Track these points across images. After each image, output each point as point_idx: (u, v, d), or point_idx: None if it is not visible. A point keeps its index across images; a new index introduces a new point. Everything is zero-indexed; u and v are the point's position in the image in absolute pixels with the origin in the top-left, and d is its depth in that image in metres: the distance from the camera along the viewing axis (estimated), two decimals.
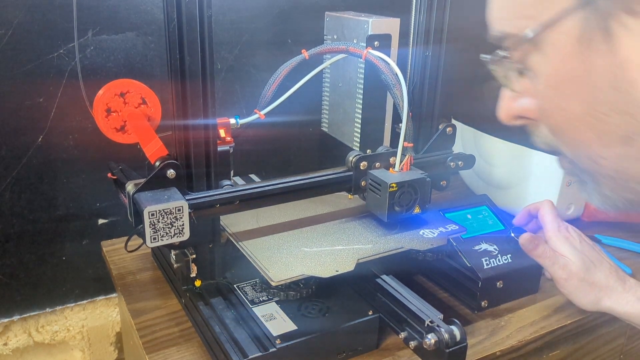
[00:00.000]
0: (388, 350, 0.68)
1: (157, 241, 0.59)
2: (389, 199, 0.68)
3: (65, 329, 0.98)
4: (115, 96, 0.70)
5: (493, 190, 1.07)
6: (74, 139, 0.88)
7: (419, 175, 0.71)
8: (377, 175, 0.70)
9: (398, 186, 0.68)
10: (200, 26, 0.59)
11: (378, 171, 0.72)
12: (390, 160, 0.72)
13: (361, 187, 0.72)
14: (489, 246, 0.78)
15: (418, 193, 0.70)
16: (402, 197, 0.69)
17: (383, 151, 0.73)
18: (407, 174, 0.71)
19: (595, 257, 0.74)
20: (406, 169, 0.72)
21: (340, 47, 0.72)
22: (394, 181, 0.68)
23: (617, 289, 0.71)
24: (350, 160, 0.72)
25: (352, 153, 0.72)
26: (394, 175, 0.70)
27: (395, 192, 0.68)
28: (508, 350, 0.70)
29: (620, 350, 0.86)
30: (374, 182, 0.70)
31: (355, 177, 0.72)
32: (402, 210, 0.70)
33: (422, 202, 0.71)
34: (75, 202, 0.91)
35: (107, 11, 0.85)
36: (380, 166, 0.72)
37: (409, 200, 0.70)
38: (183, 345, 0.68)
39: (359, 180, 0.72)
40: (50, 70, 0.84)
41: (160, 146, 0.64)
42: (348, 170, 0.72)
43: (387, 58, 0.71)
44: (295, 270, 0.63)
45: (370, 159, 0.72)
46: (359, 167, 0.71)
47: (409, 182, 0.69)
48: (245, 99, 0.99)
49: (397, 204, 0.69)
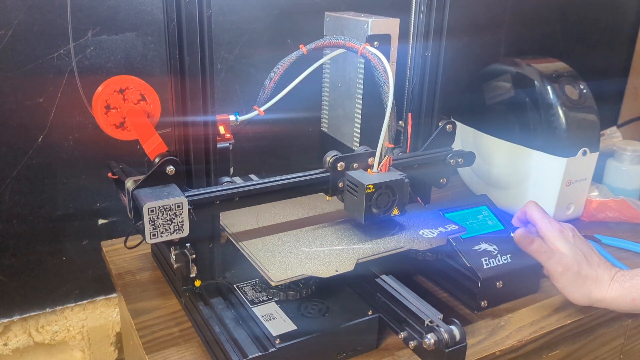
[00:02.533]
0: (388, 350, 0.68)
1: (157, 237, 0.59)
2: (366, 201, 0.66)
3: (65, 329, 0.98)
4: (114, 92, 0.70)
5: (493, 190, 1.07)
6: (73, 139, 0.88)
7: (397, 176, 0.68)
8: (354, 177, 0.68)
9: (375, 187, 0.66)
10: (199, 26, 0.59)
11: (356, 172, 0.70)
12: (369, 161, 0.71)
13: (339, 189, 0.71)
14: (489, 246, 0.78)
15: (396, 194, 0.68)
16: (379, 198, 0.67)
17: (361, 151, 0.71)
18: (385, 175, 0.69)
19: (587, 251, 0.76)
20: (385, 170, 0.70)
21: (337, 42, 0.72)
22: (370, 182, 0.66)
23: (605, 280, 0.73)
24: (327, 160, 0.70)
25: (330, 153, 0.70)
26: (372, 176, 0.68)
27: (373, 193, 0.66)
28: (508, 350, 0.70)
29: (619, 350, 0.86)
30: (351, 184, 0.68)
31: (333, 178, 0.70)
32: (379, 213, 0.67)
33: (401, 204, 0.69)
34: (75, 202, 0.91)
35: (107, 11, 0.85)
36: (358, 167, 0.71)
37: (387, 202, 0.68)
38: (183, 345, 0.68)
39: (336, 182, 0.70)
40: (50, 70, 0.84)
41: (160, 143, 0.64)
42: (325, 171, 0.70)
43: (381, 56, 0.70)
44: (295, 270, 0.63)
45: (348, 159, 0.70)
46: (336, 168, 0.69)
47: (386, 184, 0.67)
48: (245, 98, 0.99)
49: (375, 205, 0.67)
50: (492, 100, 1.05)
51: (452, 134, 0.82)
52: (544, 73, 0.98)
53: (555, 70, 0.99)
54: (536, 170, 0.98)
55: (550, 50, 1.37)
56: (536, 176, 0.99)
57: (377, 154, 0.69)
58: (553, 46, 1.38)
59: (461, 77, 1.12)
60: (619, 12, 1.48)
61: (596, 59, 1.48)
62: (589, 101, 0.98)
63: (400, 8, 0.81)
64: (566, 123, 0.94)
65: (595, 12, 1.43)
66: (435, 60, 0.79)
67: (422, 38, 0.78)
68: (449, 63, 0.81)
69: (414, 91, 0.80)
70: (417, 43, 0.78)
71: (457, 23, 0.82)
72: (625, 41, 1.53)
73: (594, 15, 1.43)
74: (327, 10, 0.92)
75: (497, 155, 1.05)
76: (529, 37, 1.32)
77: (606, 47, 1.49)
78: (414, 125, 0.82)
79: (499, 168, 1.05)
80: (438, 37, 0.78)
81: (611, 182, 1.13)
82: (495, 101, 1.05)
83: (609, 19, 1.46)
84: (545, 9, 1.33)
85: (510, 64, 1.03)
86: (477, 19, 1.23)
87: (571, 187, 0.98)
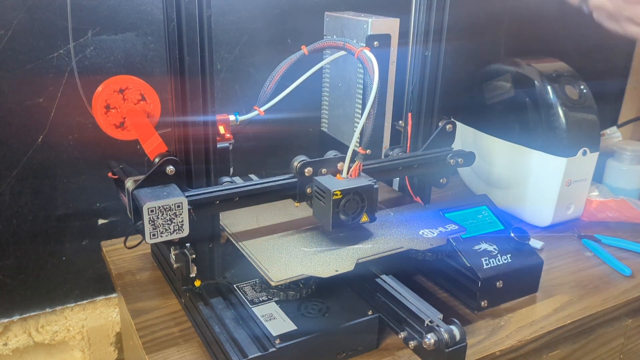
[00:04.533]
0: (388, 350, 0.68)
1: (157, 237, 0.59)
2: (333, 207, 0.64)
3: (65, 329, 0.98)
4: (114, 92, 0.70)
5: (493, 190, 1.07)
6: (73, 139, 0.88)
7: (366, 182, 0.66)
8: (321, 182, 0.66)
9: (343, 194, 0.64)
10: (199, 26, 0.59)
11: (324, 177, 0.68)
12: (338, 166, 0.69)
13: (307, 195, 0.69)
14: (489, 246, 0.78)
15: (365, 201, 0.66)
16: (347, 205, 0.65)
17: (331, 156, 0.69)
18: (354, 181, 0.67)
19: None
20: (355, 176, 0.68)
21: (338, 43, 0.72)
22: (338, 188, 0.64)
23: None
24: (294, 165, 0.68)
25: (297, 158, 0.68)
26: (340, 182, 0.67)
27: (340, 200, 0.64)
28: (508, 350, 0.70)
29: (620, 350, 0.86)
30: (318, 189, 0.66)
31: (300, 183, 0.68)
32: (348, 220, 0.65)
33: (370, 211, 0.67)
34: (75, 202, 0.91)
35: (107, 11, 0.85)
36: (327, 172, 0.69)
37: (356, 209, 0.66)
38: (183, 345, 0.68)
39: (304, 187, 0.68)
40: (50, 70, 0.84)
41: (160, 142, 0.64)
42: (293, 177, 0.68)
43: (374, 62, 0.67)
44: (295, 270, 0.63)
45: (316, 164, 0.68)
46: (304, 173, 0.68)
47: (355, 190, 0.65)
48: (245, 98, 0.99)
49: (343, 212, 0.65)
50: (492, 100, 1.05)
51: (452, 134, 0.82)
52: (544, 73, 0.98)
53: (555, 70, 0.99)
54: (536, 170, 0.98)
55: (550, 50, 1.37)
56: (536, 176, 0.99)
57: (347, 159, 0.68)
58: (553, 46, 1.38)
59: (461, 77, 1.12)
60: None
61: (596, 59, 1.48)
62: (589, 101, 0.98)
63: (400, 8, 0.81)
64: (566, 123, 0.94)
65: None
66: (435, 60, 0.79)
67: (422, 38, 0.78)
68: (449, 63, 0.81)
69: (414, 91, 0.80)
70: (417, 43, 0.78)
71: (457, 23, 0.82)
72: (625, 41, 1.53)
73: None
74: (327, 10, 0.92)
75: (497, 155, 1.05)
76: (529, 37, 1.32)
77: (606, 47, 1.49)
78: (414, 125, 0.82)
79: (499, 168, 1.05)
80: (438, 37, 0.78)
81: (611, 182, 1.13)
82: (496, 101, 1.05)
83: None
84: (545, 9, 1.33)
85: (510, 64, 1.03)
86: (477, 19, 1.23)
87: (571, 187, 0.98)
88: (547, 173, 0.97)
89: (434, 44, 0.78)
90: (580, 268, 0.89)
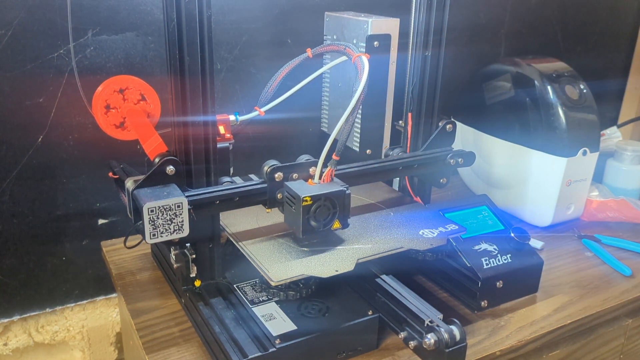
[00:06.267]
0: (388, 350, 0.68)
1: (157, 237, 0.59)
2: (303, 214, 0.63)
3: (65, 329, 0.98)
4: (114, 92, 0.70)
5: (493, 190, 1.07)
6: (74, 139, 0.88)
7: (338, 187, 0.65)
8: (291, 188, 0.65)
9: (313, 200, 0.62)
10: (199, 26, 0.59)
11: (295, 183, 0.66)
12: (310, 171, 0.67)
13: (278, 200, 0.67)
14: (489, 246, 0.78)
15: (337, 207, 0.65)
16: (318, 211, 0.63)
17: (302, 161, 0.68)
18: (325, 187, 0.65)
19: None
20: (327, 181, 0.67)
21: (339, 47, 0.72)
22: (308, 194, 0.62)
23: None
24: (264, 170, 0.66)
25: (268, 163, 0.67)
26: (311, 187, 0.65)
27: (310, 206, 0.63)
28: (508, 350, 0.70)
29: (620, 350, 0.86)
30: (289, 195, 0.65)
31: (271, 189, 0.67)
32: (319, 226, 0.64)
33: (343, 217, 0.66)
34: (75, 202, 0.91)
35: (107, 11, 0.85)
36: (298, 177, 0.67)
37: (327, 215, 0.64)
38: (183, 345, 0.68)
39: (274, 193, 0.67)
40: (50, 70, 0.84)
41: (160, 142, 0.64)
42: (263, 182, 0.67)
43: (366, 71, 0.65)
44: (295, 270, 0.63)
45: (287, 169, 0.67)
46: (274, 179, 0.66)
47: (326, 195, 0.63)
48: (245, 98, 0.99)
49: (313, 218, 0.63)
50: (492, 100, 1.05)
51: (452, 134, 0.82)
52: (544, 73, 0.98)
53: (555, 70, 0.99)
54: (536, 170, 0.98)
55: (550, 50, 1.37)
56: (536, 176, 0.99)
57: (319, 163, 0.66)
58: (553, 46, 1.38)
59: (461, 77, 1.12)
60: (619, 12, 1.48)
61: (596, 59, 1.48)
62: (589, 101, 0.98)
63: (400, 8, 0.81)
64: (566, 123, 0.94)
65: (595, 12, 1.43)
66: (435, 60, 0.79)
67: (422, 38, 0.78)
68: (449, 63, 0.81)
69: (414, 91, 0.80)
70: (417, 43, 0.78)
71: (457, 23, 0.82)
72: (625, 41, 1.53)
73: (594, 15, 1.43)
74: (327, 10, 0.92)
75: (497, 155, 1.05)
76: (529, 37, 1.32)
77: (606, 47, 1.49)
78: (414, 125, 0.82)
79: (499, 168, 1.05)
80: (438, 37, 0.78)
81: (611, 182, 1.13)
82: (496, 101, 1.05)
83: (609, 19, 1.46)
84: (545, 9, 1.33)
85: (510, 64, 1.03)
86: (477, 19, 1.23)
87: (571, 187, 0.98)
88: (547, 173, 0.97)
89: (434, 44, 0.78)
90: (580, 268, 0.89)
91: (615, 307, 0.80)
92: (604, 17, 1.45)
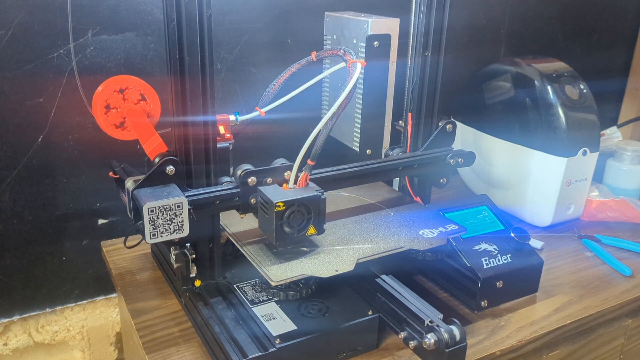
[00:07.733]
0: (388, 350, 0.68)
1: (157, 237, 0.59)
2: (276, 219, 0.61)
3: (65, 329, 0.98)
4: (114, 92, 0.70)
5: (493, 190, 1.07)
6: (73, 139, 0.88)
7: (312, 192, 0.63)
8: (264, 193, 0.63)
9: (286, 205, 0.61)
10: (199, 26, 0.59)
11: (269, 187, 0.65)
12: (285, 175, 0.66)
13: (251, 205, 0.66)
14: (489, 246, 0.78)
15: (311, 212, 0.63)
16: (292, 217, 0.62)
17: (277, 165, 0.67)
18: (299, 192, 0.63)
19: None
20: (302, 186, 0.65)
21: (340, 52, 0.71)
22: (281, 199, 0.61)
23: None
24: (237, 174, 0.65)
25: (241, 167, 0.66)
26: (285, 192, 0.63)
27: (284, 211, 0.61)
28: (508, 350, 0.70)
29: (620, 350, 0.86)
30: (262, 200, 0.64)
31: (244, 193, 0.65)
32: (292, 232, 0.63)
33: (318, 223, 0.64)
34: (75, 202, 0.91)
35: (107, 11, 0.85)
36: (273, 182, 0.66)
37: (301, 221, 0.63)
38: (183, 345, 0.68)
39: (247, 198, 0.66)
40: (50, 70, 0.84)
41: (160, 142, 0.64)
42: (235, 187, 0.66)
43: (354, 79, 0.63)
44: (295, 270, 0.63)
45: (260, 174, 0.65)
46: (247, 183, 0.65)
47: (300, 201, 0.62)
48: (245, 98, 0.99)
49: (287, 224, 0.62)
50: (492, 100, 1.05)
51: (452, 134, 0.82)
52: (544, 73, 0.98)
53: (555, 70, 0.99)
54: (536, 170, 0.98)
55: (550, 50, 1.37)
56: (536, 176, 0.99)
57: (294, 168, 0.65)
58: (553, 46, 1.38)
59: (461, 77, 1.12)
60: (619, 12, 1.48)
61: (596, 59, 1.48)
62: (589, 101, 0.98)
63: (400, 8, 0.81)
64: (566, 123, 0.94)
65: (595, 12, 1.43)
66: (436, 60, 0.79)
67: (422, 38, 0.78)
68: (449, 63, 0.81)
69: (414, 91, 0.80)
70: (417, 43, 0.78)
71: (457, 23, 0.82)
72: (625, 41, 1.53)
73: (594, 15, 1.43)
74: (327, 10, 0.92)
75: (497, 155, 1.05)
76: (529, 37, 1.32)
77: (606, 47, 1.49)
78: (414, 125, 0.82)
79: (499, 168, 1.05)
80: (438, 37, 0.78)
81: (611, 182, 1.13)
82: (495, 101, 1.05)
83: (609, 19, 1.46)
84: (545, 9, 1.33)
85: (510, 64, 1.03)
86: (477, 19, 1.23)
87: (571, 187, 0.98)
88: (547, 173, 0.97)
89: (434, 43, 0.78)
90: (580, 268, 0.89)
91: (615, 307, 0.80)
92: (604, 17, 1.45)
